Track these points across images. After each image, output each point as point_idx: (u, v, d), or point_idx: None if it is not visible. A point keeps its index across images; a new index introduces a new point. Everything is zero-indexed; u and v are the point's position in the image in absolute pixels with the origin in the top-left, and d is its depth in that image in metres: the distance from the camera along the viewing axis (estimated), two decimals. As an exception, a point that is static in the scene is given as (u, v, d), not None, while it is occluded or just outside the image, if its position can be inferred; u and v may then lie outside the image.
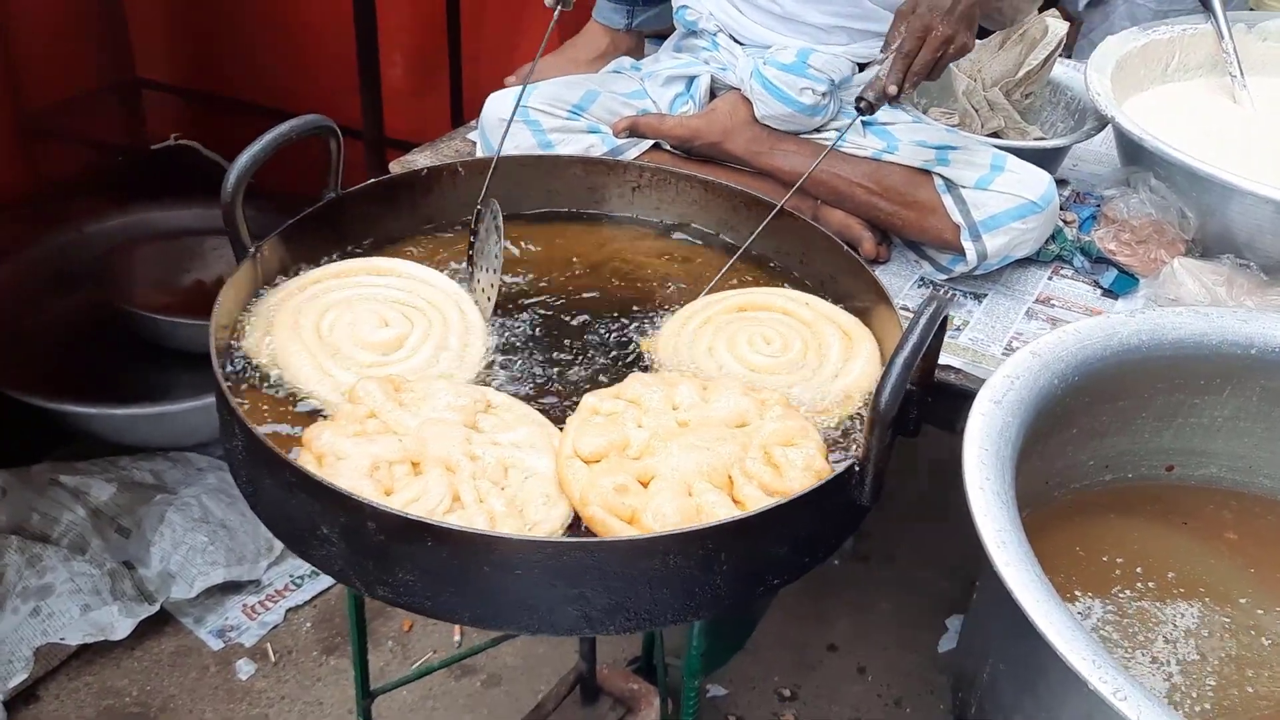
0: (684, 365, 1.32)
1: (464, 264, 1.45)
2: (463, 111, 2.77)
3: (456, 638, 2.20)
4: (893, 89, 1.52)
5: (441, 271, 1.43)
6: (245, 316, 1.32)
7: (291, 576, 2.26)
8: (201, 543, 2.20)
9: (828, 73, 1.81)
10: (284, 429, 1.20)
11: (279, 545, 2.27)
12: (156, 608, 2.12)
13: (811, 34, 1.85)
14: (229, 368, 1.25)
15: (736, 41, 1.90)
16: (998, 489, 1.06)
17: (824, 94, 1.81)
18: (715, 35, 1.91)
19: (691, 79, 1.93)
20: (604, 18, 2.28)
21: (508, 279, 1.45)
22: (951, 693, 1.31)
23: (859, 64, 1.89)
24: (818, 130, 1.87)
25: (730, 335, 1.35)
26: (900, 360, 1.05)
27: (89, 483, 2.26)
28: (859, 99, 1.54)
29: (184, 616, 2.18)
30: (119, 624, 2.08)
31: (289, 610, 2.22)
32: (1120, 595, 1.24)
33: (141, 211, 2.82)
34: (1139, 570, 1.27)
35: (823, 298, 1.43)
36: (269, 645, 2.16)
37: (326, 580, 2.26)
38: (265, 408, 1.22)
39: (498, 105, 1.84)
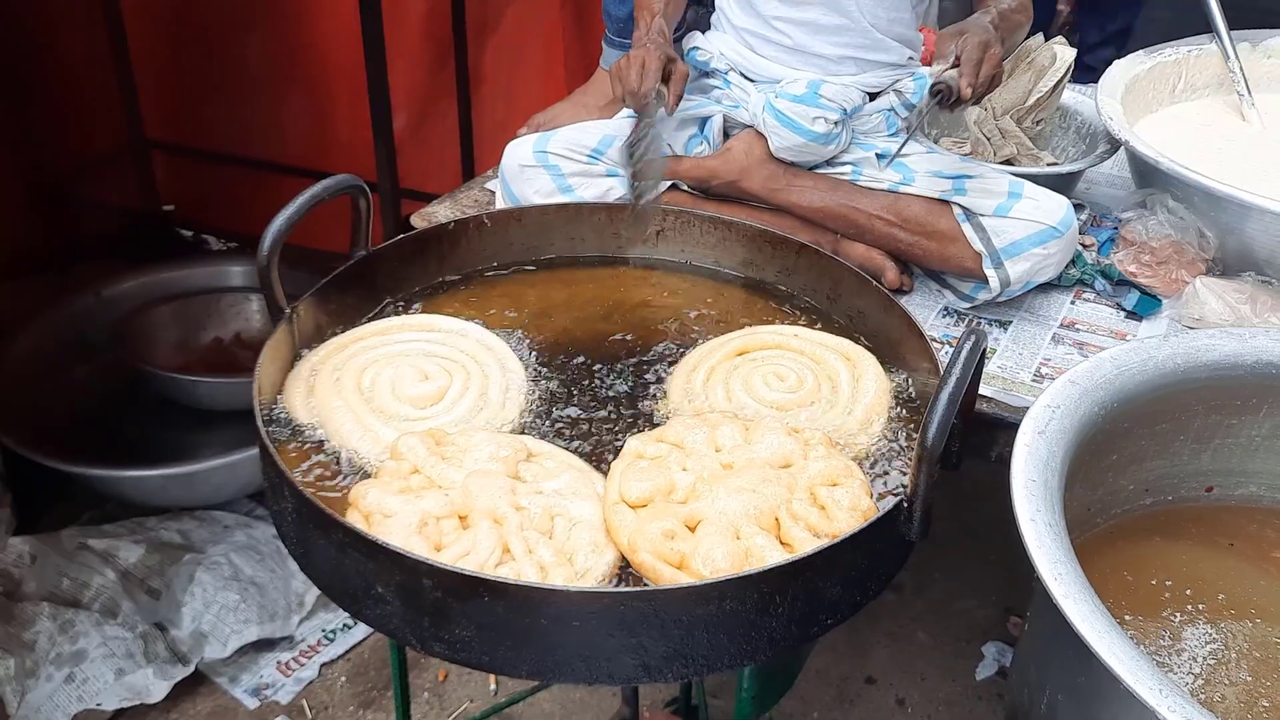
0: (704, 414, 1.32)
1: (626, 184, 1.60)
2: (473, 161, 2.79)
3: (493, 686, 2.19)
4: (968, 91, 1.58)
5: (476, 322, 1.44)
6: (286, 376, 1.33)
7: (324, 631, 2.25)
8: (233, 601, 2.19)
9: (839, 102, 1.83)
10: (328, 487, 1.21)
11: (310, 600, 2.26)
12: (191, 669, 2.11)
13: (821, 65, 1.87)
14: (270, 423, 1.26)
15: (748, 79, 1.93)
16: (1049, 520, 1.06)
17: (836, 123, 1.83)
18: (727, 74, 1.93)
19: (705, 120, 1.95)
20: (610, 65, 2.31)
21: (540, 333, 1.46)
22: (1007, 725, 1.31)
23: (869, 93, 1.91)
24: (830, 163, 1.89)
25: (744, 378, 1.35)
26: (945, 396, 1.05)
27: (117, 545, 2.26)
28: (935, 85, 1.59)
29: (218, 676, 2.17)
30: (154, 687, 2.07)
31: (323, 665, 2.20)
32: (1172, 618, 1.24)
33: (156, 272, 2.83)
34: (1188, 592, 1.27)
35: (853, 335, 1.44)
36: (305, 702, 2.14)
37: (359, 634, 2.26)
38: (309, 467, 1.23)
39: (518, 153, 1.86)
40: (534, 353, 1.42)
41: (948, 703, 2.16)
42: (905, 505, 1.10)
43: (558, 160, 1.85)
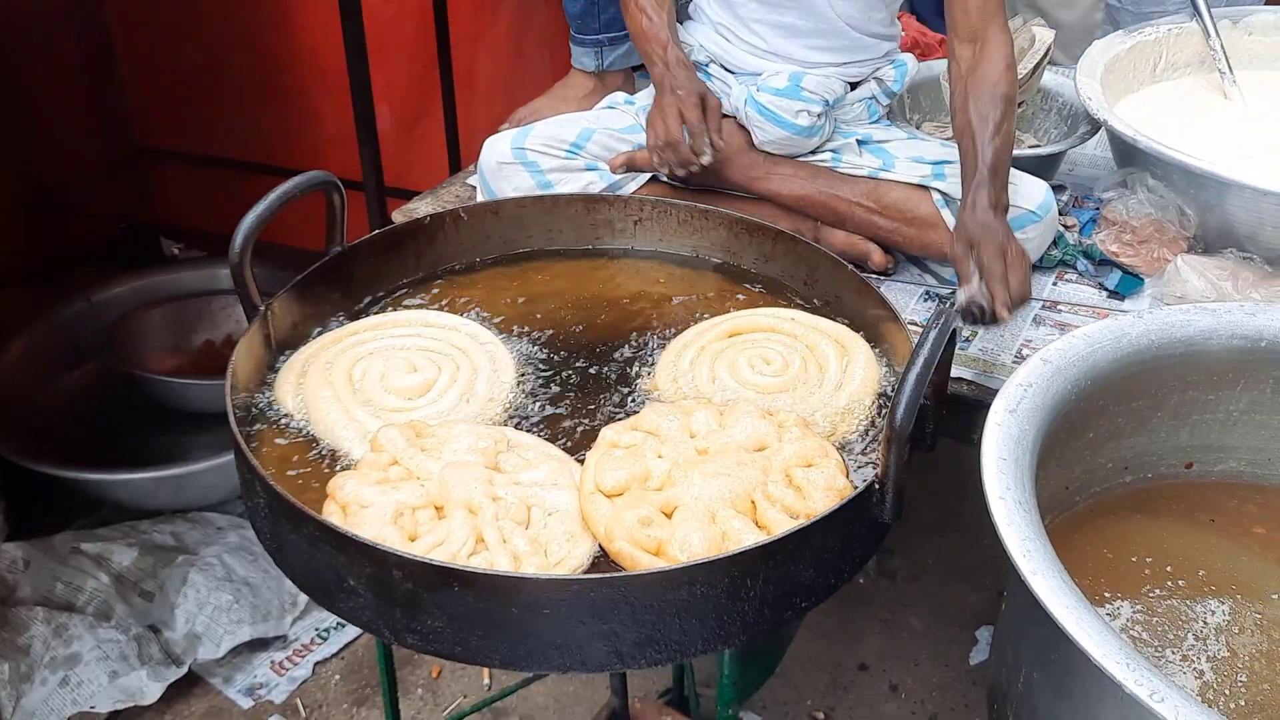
0: (688, 397, 1.33)
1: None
2: (459, 157, 2.79)
3: (486, 681, 2.19)
4: (1005, 312, 1.46)
5: (461, 314, 1.44)
6: (278, 365, 1.34)
7: (317, 630, 2.26)
8: (226, 602, 2.20)
9: (821, 94, 1.83)
10: (309, 478, 1.21)
11: (303, 600, 2.27)
12: (184, 670, 2.12)
13: (800, 65, 1.86)
14: (254, 418, 1.27)
15: (728, 70, 1.92)
16: (1019, 498, 1.06)
17: (819, 115, 1.83)
18: (707, 66, 1.93)
19: (685, 111, 1.94)
20: (578, 63, 2.31)
21: (524, 325, 1.46)
22: (988, 706, 1.31)
23: (850, 83, 1.90)
24: (813, 153, 1.89)
25: (730, 360, 1.36)
26: (912, 376, 1.05)
27: (110, 548, 2.27)
28: (968, 307, 1.46)
29: (212, 677, 2.17)
30: (148, 689, 2.08)
31: (317, 664, 2.21)
32: (1150, 595, 1.24)
33: (147, 276, 2.85)
34: (1168, 569, 1.27)
35: (832, 317, 1.44)
36: (299, 701, 2.15)
37: (352, 632, 2.26)
38: (292, 457, 1.23)
39: (495, 150, 1.86)
40: (518, 345, 1.42)
41: (941, 688, 2.16)
42: (876, 486, 1.10)
43: (536, 156, 1.85)
